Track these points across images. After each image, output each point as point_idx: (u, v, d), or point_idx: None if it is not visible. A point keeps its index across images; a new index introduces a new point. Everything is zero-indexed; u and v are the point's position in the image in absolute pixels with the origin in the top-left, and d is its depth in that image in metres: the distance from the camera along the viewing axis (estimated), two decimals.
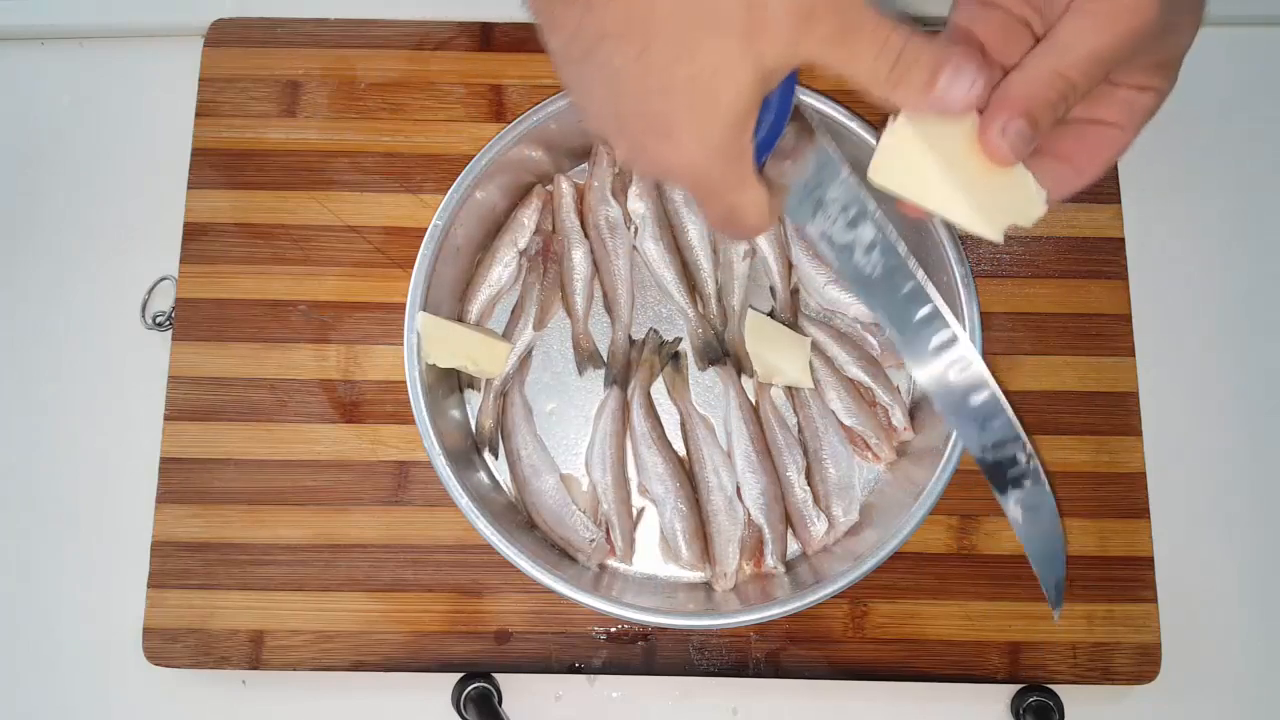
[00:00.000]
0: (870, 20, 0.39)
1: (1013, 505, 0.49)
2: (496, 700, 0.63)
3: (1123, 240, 0.70)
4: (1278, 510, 0.68)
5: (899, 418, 0.66)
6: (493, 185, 0.66)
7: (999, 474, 0.49)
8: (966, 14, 0.48)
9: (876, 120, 0.62)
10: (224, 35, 0.72)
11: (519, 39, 0.73)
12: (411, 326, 0.62)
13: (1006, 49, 0.45)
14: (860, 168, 0.55)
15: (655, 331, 0.69)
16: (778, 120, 0.44)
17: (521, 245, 0.68)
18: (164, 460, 0.66)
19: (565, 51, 0.43)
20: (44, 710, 0.66)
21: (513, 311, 0.69)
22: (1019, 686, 0.65)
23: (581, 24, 0.41)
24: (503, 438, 0.67)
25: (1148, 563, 0.66)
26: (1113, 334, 0.69)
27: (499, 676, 0.65)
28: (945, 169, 0.44)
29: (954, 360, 0.49)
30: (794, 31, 0.39)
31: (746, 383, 0.68)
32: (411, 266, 0.63)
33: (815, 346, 0.68)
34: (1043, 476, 0.49)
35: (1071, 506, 0.66)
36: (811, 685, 0.65)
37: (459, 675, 0.64)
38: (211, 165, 0.70)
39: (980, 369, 0.49)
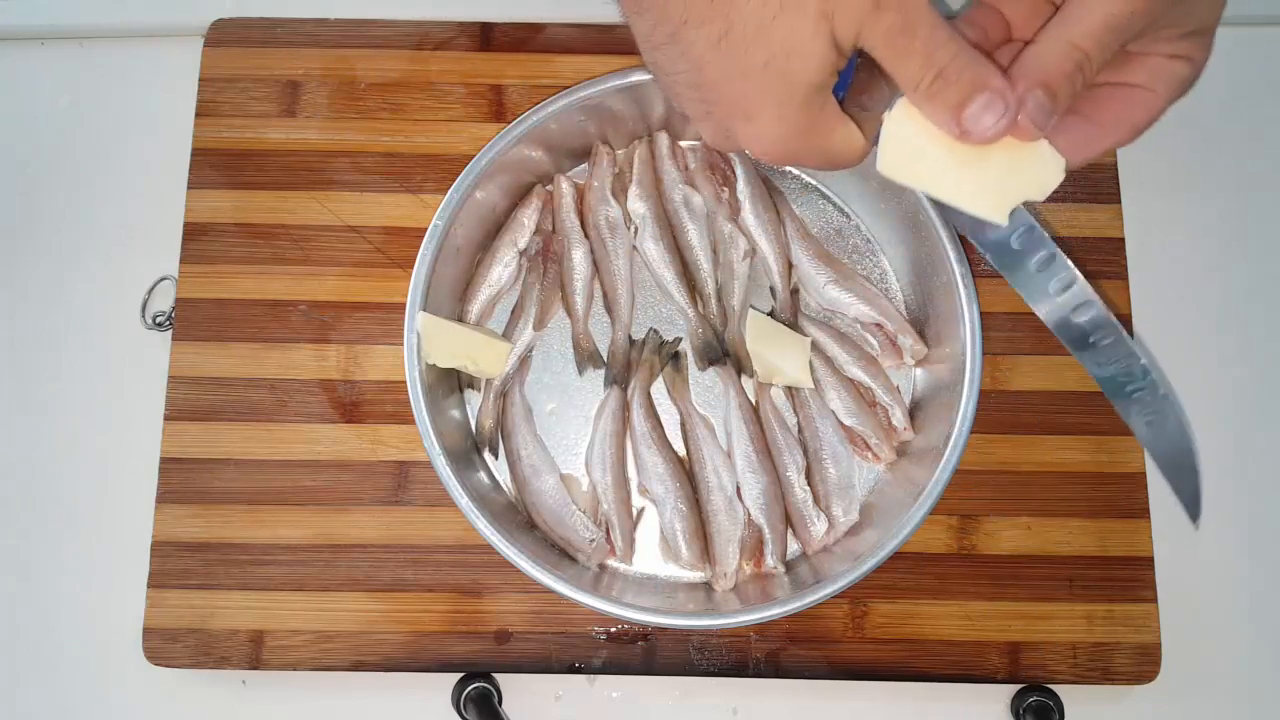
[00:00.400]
0: (927, 25, 0.40)
1: (1136, 419, 0.50)
2: (496, 700, 0.63)
3: (1123, 240, 0.70)
4: (1278, 510, 0.68)
5: (899, 418, 0.66)
6: (493, 185, 0.66)
7: (1119, 390, 0.49)
8: None
9: None
10: (224, 35, 0.72)
11: (519, 39, 0.73)
12: (411, 326, 0.62)
13: (1032, 25, 0.46)
14: (859, 169, 0.54)
15: (655, 331, 0.69)
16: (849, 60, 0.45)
17: (521, 245, 0.68)
18: (164, 460, 0.66)
19: (650, 36, 0.44)
20: (44, 710, 0.66)
21: (513, 311, 0.69)
22: (1019, 686, 0.65)
23: (667, 8, 0.42)
24: (503, 438, 0.67)
25: (1148, 563, 0.66)
26: None
27: (499, 676, 0.65)
28: (949, 150, 0.43)
29: (1059, 281, 0.48)
30: (862, 17, 0.40)
31: (746, 383, 0.68)
32: (411, 266, 0.63)
33: (815, 346, 0.68)
34: (1166, 387, 0.49)
35: (1071, 506, 0.66)
36: (811, 685, 0.65)
37: (459, 675, 0.64)
38: (211, 165, 0.70)
39: (1086, 288, 0.48)
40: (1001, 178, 0.44)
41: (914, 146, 0.44)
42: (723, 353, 0.68)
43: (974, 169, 0.44)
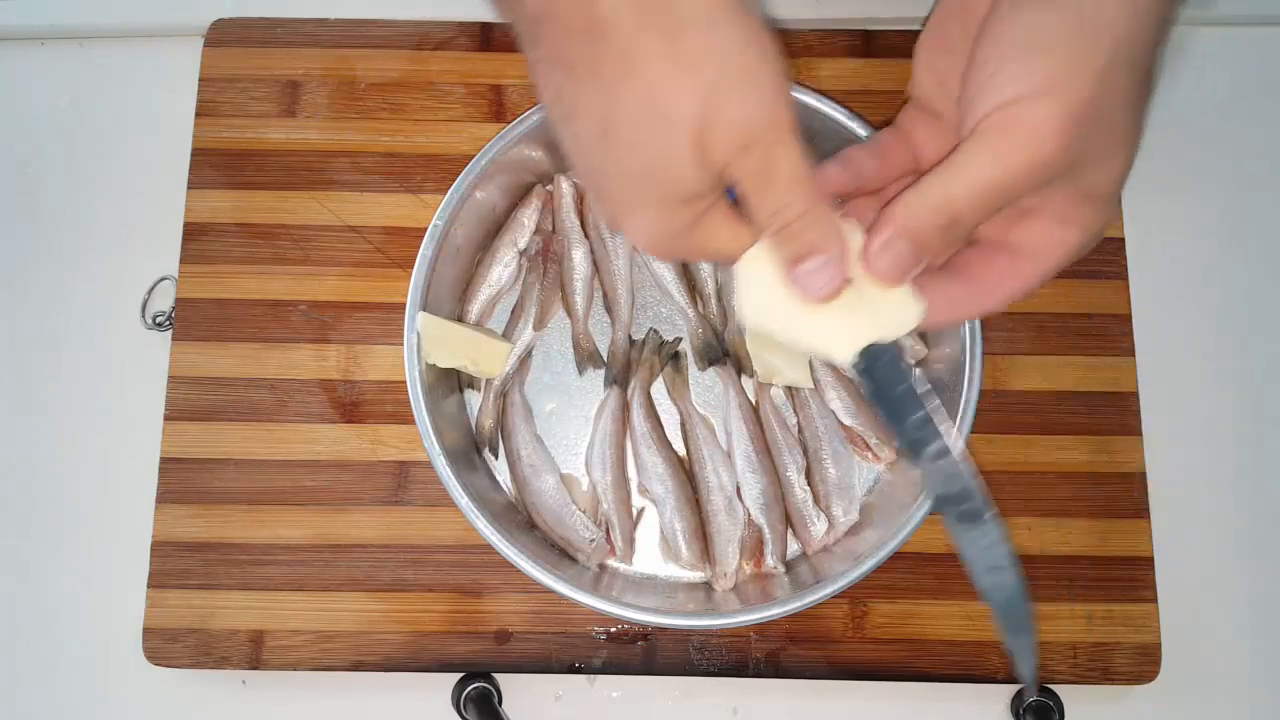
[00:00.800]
0: (787, 177, 0.41)
1: (980, 573, 0.48)
2: (496, 700, 0.63)
3: (1123, 240, 0.70)
4: (1278, 510, 0.68)
5: None
6: (493, 185, 0.66)
7: (970, 551, 0.48)
8: (910, 117, 0.49)
9: (877, 121, 0.62)
10: (224, 35, 0.72)
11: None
12: (411, 326, 0.62)
13: (939, 159, 0.45)
14: None
15: (655, 331, 0.69)
16: None
17: (521, 245, 0.68)
18: (164, 460, 0.66)
19: (551, 110, 0.44)
20: (44, 710, 0.66)
21: (513, 311, 0.69)
22: (1019, 686, 0.65)
23: (561, 90, 0.42)
24: (503, 438, 0.67)
25: (1148, 563, 0.66)
26: (1113, 334, 0.69)
27: (499, 676, 0.65)
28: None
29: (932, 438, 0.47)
30: (731, 154, 0.40)
31: (746, 383, 0.68)
32: (411, 266, 0.63)
33: None
34: (1010, 549, 0.47)
35: (1072, 506, 0.66)
36: (811, 685, 0.65)
37: (459, 675, 0.64)
38: (211, 165, 0.70)
39: (950, 433, 0.47)
40: (856, 317, 0.44)
41: (769, 289, 0.44)
42: (723, 353, 0.68)
43: (829, 308, 0.44)
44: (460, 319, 0.68)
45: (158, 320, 0.69)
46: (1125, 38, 0.39)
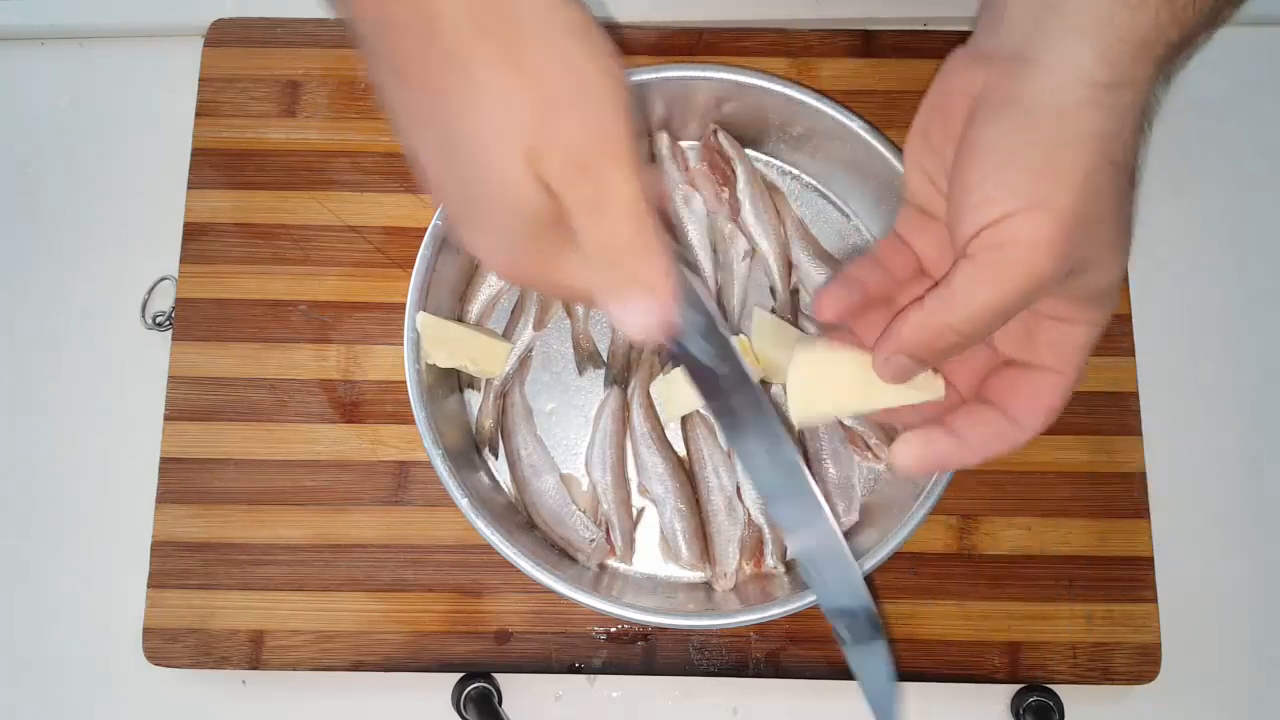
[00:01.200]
0: (619, 202, 0.39)
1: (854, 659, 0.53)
2: (496, 700, 0.63)
3: None
4: (1278, 510, 0.68)
5: None
6: None
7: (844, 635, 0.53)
8: (906, 222, 0.49)
9: (877, 121, 0.62)
10: (224, 35, 0.72)
11: None
12: (411, 326, 0.62)
13: (941, 262, 0.47)
14: (859, 169, 0.53)
15: None
16: None
17: None
18: (164, 460, 0.66)
19: (392, 121, 0.42)
20: (44, 710, 0.66)
21: (513, 311, 0.69)
22: (1019, 686, 0.65)
23: (398, 98, 0.41)
24: (503, 438, 0.67)
25: (1148, 563, 0.66)
26: (1113, 334, 0.68)
27: (499, 676, 0.65)
28: (858, 378, 0.47)
29: (766, 441, 0.50)
30: (562, 180, 0.38)
31: None
32: (411, 266, 0.63)
33: None
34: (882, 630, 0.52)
35: (1071, 506, 0.66)
36: (811, 685, 0.65)
37: (459, 675, 0.64)
38: (211, 165, 0.70)
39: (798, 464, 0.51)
40: (889, 397, 0.48)
41: (820, 385, 0.49)
42: None
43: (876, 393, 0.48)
44: (460, 319, 0.68)
45: (158, 320, 0.69)
46: (1105, 141, 0.39)
